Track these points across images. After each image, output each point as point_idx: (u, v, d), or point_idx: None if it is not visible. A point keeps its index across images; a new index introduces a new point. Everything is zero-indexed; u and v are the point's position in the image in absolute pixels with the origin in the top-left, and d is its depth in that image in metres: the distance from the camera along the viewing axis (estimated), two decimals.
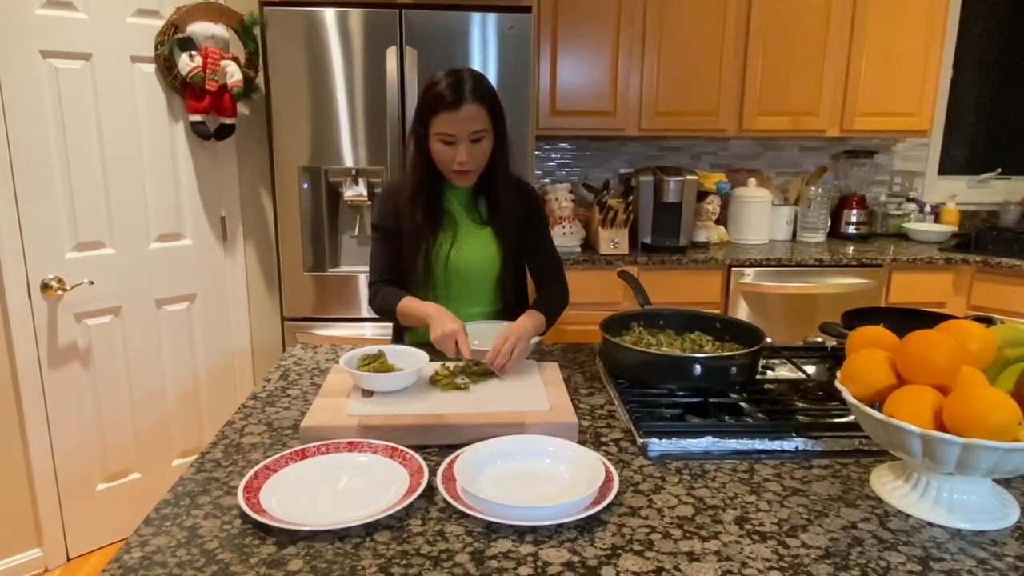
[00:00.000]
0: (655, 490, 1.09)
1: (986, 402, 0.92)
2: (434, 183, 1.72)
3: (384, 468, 1.12)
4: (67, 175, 2.31)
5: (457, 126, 1.59)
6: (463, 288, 1.78)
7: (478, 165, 1.67)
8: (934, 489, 1.03)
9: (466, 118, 1.58)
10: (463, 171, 1.65)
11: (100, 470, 2.53)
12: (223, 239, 2.74)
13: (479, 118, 1.60)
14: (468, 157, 1.62)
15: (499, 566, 0.89)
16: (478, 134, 1.61)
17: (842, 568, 0.89)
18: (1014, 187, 3.72)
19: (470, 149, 1.62)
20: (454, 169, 1.65)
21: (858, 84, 3.22)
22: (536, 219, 1.84)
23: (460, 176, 1.67)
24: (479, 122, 1.60)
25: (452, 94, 1.57)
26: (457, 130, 1.59)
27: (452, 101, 1.57)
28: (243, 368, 2.89)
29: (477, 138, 1.62)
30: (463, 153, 1.61)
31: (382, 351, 1.47)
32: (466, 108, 1.58)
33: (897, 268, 3.11)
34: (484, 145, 1.64)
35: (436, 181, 1.72)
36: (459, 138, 1.60)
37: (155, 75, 2.45)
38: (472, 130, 1.60)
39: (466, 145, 1.61)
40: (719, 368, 1.38)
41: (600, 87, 3.13)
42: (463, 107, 1.57)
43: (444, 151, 1.62)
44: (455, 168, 1.64)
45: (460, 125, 1.58)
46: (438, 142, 1.62)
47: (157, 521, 0.99)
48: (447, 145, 1.62)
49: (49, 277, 2.30)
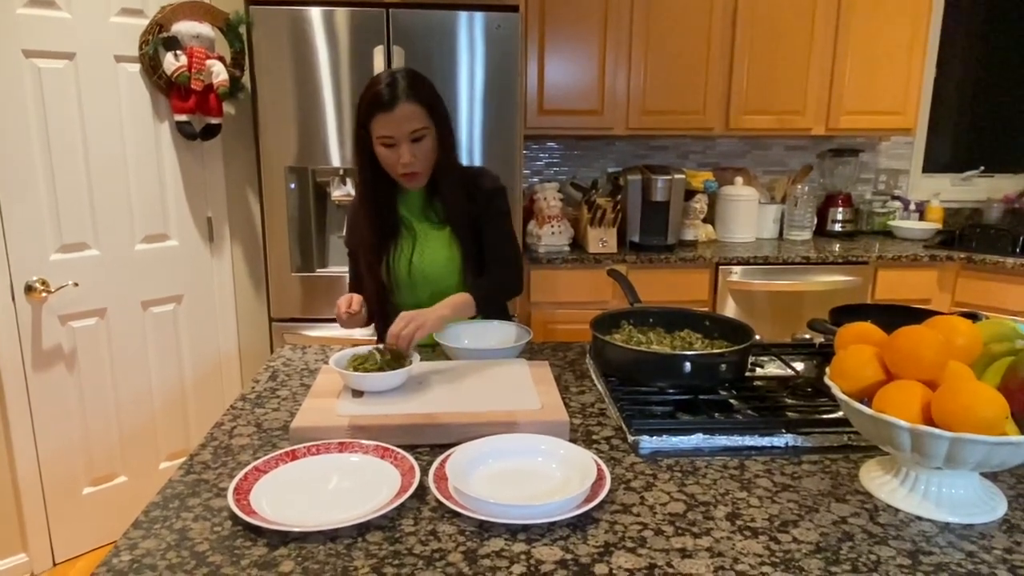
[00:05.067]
0: (647, 487, 1.09)
1: (974, 396, 0.92)
2: (385, 191, 1.71)
3: (375, 468, 1.12)
4: (51, 176, 2.28)
5: (395, 127, 1.57)
6: (428, 292, 1.76)
7: (424, 166, 1.65)
8: (923, 483, 1.03)
9: (402, 117, 1.57)
10: (410, 173, 1.63)
11: (86, 474, 2.51)
12: (209, 240, 2.72)
13: (416, 116, 1.58)
14: (411, 158, 1.60)
15: (492, 565, 0.89)
16: (417, 132, 1.59)
17: (833, 563, 0.90)
18: (997, 184, 3.76)
19: (412, 149, 1.60)
20: (400, 173, 1.63)
21: (843, 83, 3.24)
22: (492, 208, 1.78)
23: (409, 179, 1.65)
24: (416, 120, 1.58)
25: (387, 94, 1.56)
26: (395, 131, 1.58)
27: (387, 102, 1.56)
28: (230, 370, 2.87)
29: (417, 137, 1.60)
30: (406, 154, 1.59)
31: (373, 351, 1.46)
32: (401, 108, 1.56)
33: (882, 265, 3.14)
34: (426, 144, 1.63)
35: (387, 188, 1.71)
36: (399, 139, 1.59)
37: (140, 75, 2.44)
38: (411, 129, 1.58)
39: (407, 145, 1.59)
40: (709, 365, 1.38)
41: (588, 86, 3.14)
42: (398, 107, 1.56)
43: (387, 154, 1.61)
44: (401, 171, 1.63)
45: (398, 125, 1.57)
46: (380, 146, 1.61)
47: (146, 524, 0.98)
48: (389, 148, 1.60)
49: (33, 279, 2.28)
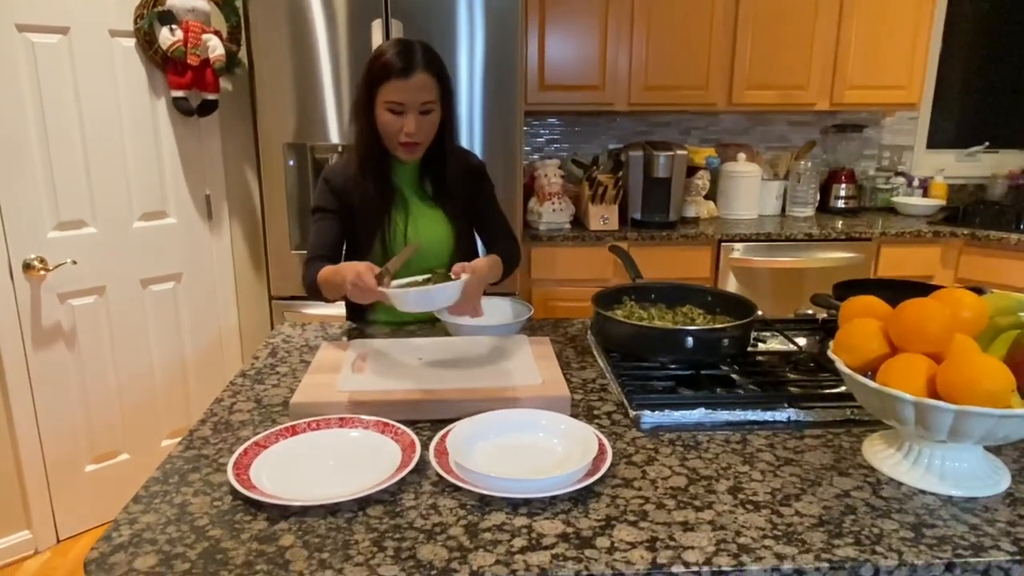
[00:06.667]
0: (648, 461, 1.08)
1: (980, 369, 0.91)
2: (382, 159, 1.66)
3: (375, 443, 1.11)
4: (46, 153, 2.26)
5: (407, 94, 1.53)
6: (419, 268, 1.69)
7: (425, 138, 1.62)
8: (926, 457, 1.03)
9: (417, 87, 1.53)
10: (410, 143, 1.59)
11: (88, 451, 2.51)
12: (208, 217, 2.70)
13: (429, 88, 1.55)
14: (416, 128, 1.57)
15: (493, 538, 0.88)
16: (427, 105, 1.57)
17: (836, 536, 0.89)
18: (1002, 160, 3.72)
19: (419, 121, 1.57)
20: (401, 141, 1.59)
21: (848, 57, 3.20)
22: (483, 190, 1.79)
23: (407, 149, 1.61)
24: (429, 92, 1.56)
25: (402, 61, 1.52)
26: (407, 99, 1.54)
27: (403, 68, 1.52)
28: (231, 348, 2.87)
29: (426, 110, 1.57)
30: (411, 124, 1.56)
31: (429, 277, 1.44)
32: (417, 76, 1.53)
33: (885, 242, 3.12)
34: (432, 118, 1.60)
35: (382, 156, 1.66)
36: (408, 107, 1.55)
37: (135, 49, 2.40)
38: (422, 100, 1.55)
39: (415, 116, 1.56)
40: (711, 340, 1.37)
41: (589, 61, 3.10)
42: (414, 75, 1.52)
43: (392, 121, 1.57)
44: (402, 140, 1.58)
45: (410, 94, 1.53)
46: (386, 111, 1.56)
47: (146, 499, 0.98)
48: (395, 115, 1.56)
49: (31, 257, 2.26)
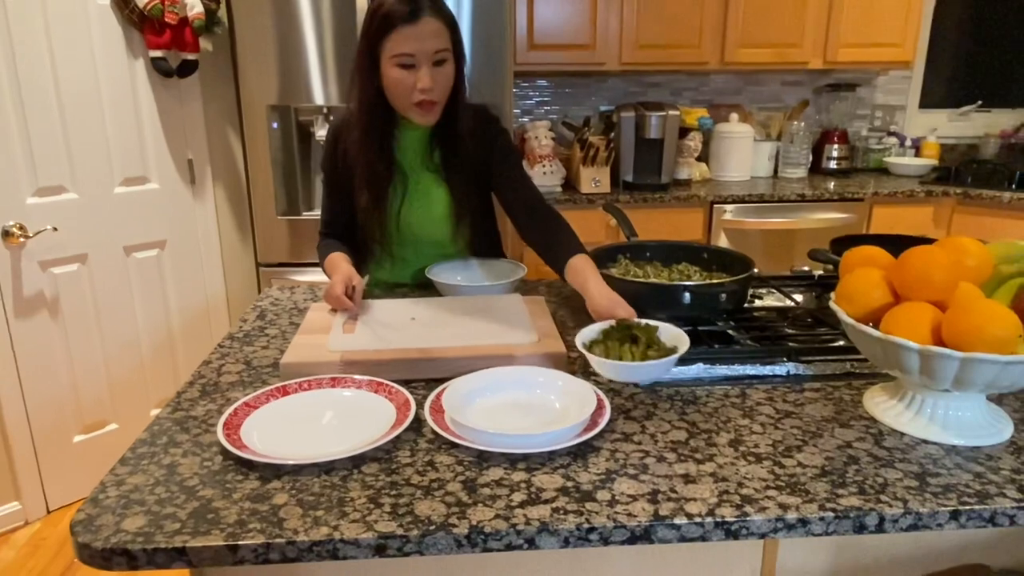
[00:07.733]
0: (647, 416, 1.07)
1: (987, 315, 0.89)
2: (386, 128, 1.50)
3: (369, 402, 1.09)
4: (22, 116, 2.18)
5: (418, 43, 1.36)
6: (413, 246, 1.63)
7: (442, 95, 1.45)
8: (928, 407, 1.01)
9: (427, 33, 1.36)
10: (426, 101, 1.42)
11: (76, 421, 2.48)
12: (191, 183, 2.64)
13: (440, 35, 1.39)
14: (431, 83, 1.39)
15: (492, 493, 0.86)
16: (441, 54, 1.40)
17: (840, 485, 0.88)
18: (994, 119, 3.70)
19: (433, 73, 1.40)
20: (415, 101, 1.42)
21: (841, 14, 3.14)
22: (502, 150, 1.59)
23: (423, 109, 1.44)
24: (440, 39, 1.39)
25: (408, 5, 1.35)
26: (418, 48, 1.37)
27: (410, 13, 1.35)
28: (218, 315, 2.83)
29: (440, 59, 1.40)
30: (426, 78, 1.38)
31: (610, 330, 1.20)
32: (426, 22, 1.36)
33: (878, 202, 3.10)
34: (447, 70, 1.43)
35: (387, 125, 1.50)
36: (420, 59, 1.38)
37: (110, 8, 2.32)
38: (435, 48, 1.38)
39: (428, 68, 1.39)
40: (709, 296, 1.35)
41: (579, 19, 3.03)
42: (423, 20, 1.36)
43: (403, 77, 1.39)
44: (416, 99, 1.41)
45: (421, 42, 1.36)
46: (395, 67, 1.39)
47: (133, 460, 0.95)
48: (406, 69, 1.39)
49: (10, 224, 2.20)
